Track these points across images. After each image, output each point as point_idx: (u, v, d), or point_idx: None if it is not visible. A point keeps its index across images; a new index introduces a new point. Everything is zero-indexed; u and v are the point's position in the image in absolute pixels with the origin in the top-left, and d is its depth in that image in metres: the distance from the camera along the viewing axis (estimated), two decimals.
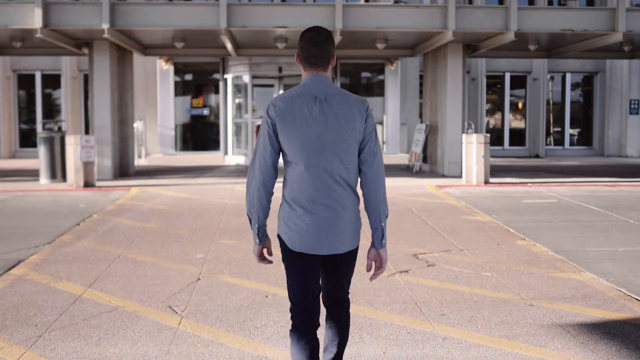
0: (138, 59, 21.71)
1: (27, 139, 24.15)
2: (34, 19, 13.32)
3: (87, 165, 13.53)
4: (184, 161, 20.06)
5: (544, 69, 24.59)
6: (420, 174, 16.70)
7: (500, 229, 9.13)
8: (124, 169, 16.42)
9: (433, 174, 16.72)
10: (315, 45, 3.09)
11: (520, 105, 25.40)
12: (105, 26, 13.33)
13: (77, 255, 7.48)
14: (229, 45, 15.47)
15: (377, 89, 21.70)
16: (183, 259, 7.27)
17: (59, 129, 15.29)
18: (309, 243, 3.08)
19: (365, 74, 22.30)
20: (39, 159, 14.83)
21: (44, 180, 14.67)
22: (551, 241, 8.23)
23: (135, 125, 19.58)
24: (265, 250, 3.28)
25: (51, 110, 24.04)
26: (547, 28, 14.04)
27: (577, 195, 12.55)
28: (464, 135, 14.44)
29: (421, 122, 18.06)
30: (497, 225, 9.36)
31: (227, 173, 17.00)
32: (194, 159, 20.28)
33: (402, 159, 20.43)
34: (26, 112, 24.43)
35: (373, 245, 3.25)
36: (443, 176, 16.09)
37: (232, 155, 20.10)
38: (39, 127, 23.51)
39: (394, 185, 14.07)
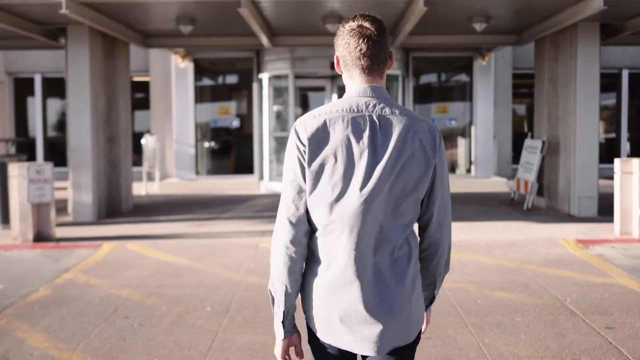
0: (156, 55, 17.60)
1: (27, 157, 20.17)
2: None
3: (40, 209, 9.25)
4: (206, 189, 15.69)
5: None
6: (535, 213, 11.87)
7: None
8: (114, 205, 12.14)
9: (553, 212, 11.87)
10: (368, 39, 2.20)
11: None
12: None
13: None
14: (257, 29, 11.02)
15: (459, 92, 16.92)
16: None
17: (17, 151, 11.14)
18: (346, 334, 2.21)
19: (445, 72, 17.37)
20: None
21: None
22: None
23: (143, 141, 15.37)
24: (293, 349, 2.53)
25: (55, 122, 20.06)
26: None
27: None
28: (618, 161, 9.58)
29: (531, 136, 13.23)
30: None
31: (258, 211, 12.49)
32: (219, 185, 15.87)
33: (498, 185, 15.62)
34: (25, 123, 20.48)
35: None
36: (569, 217, 11.27)
37: (269, 182, 15.60)
38: (38, 142, 19.62)
39: (506, 239, 9.32)
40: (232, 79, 17.48)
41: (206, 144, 16.78)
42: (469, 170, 16.56)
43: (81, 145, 11.20)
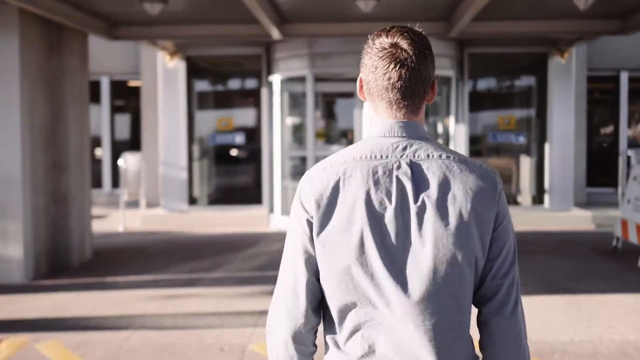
0: (149, 53, 14.64)
1: None
2: None
3: None
4: (199, 224, 12.49)
5: None
6: None
7: None
8: (61, 257, 9.01)
9: None
10: (401, 65, 1.64)
11: None
12: None
13: None
14: (258, 11, 7.82)
15: (528, 99, 13.52)
16: None
17: None
18: None
19: (510, 74, 13.82)
20: None
21: None
22: None
23: (120, 161, 12.28)
24: None
25: None
26: None
27: None
28: None
29: (636, 155, 9.83)
30: None
31: (260, 267, 9.21)
32: (217, 219, 12.66)
33: (580, 222, 12.23)
34: None
35: None
36: None
37: (280, 216, 12.33)
38: None
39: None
40: (235, 83, 14.18)
41: (202, 166, 13.56)
42: (539, 201, 13.12)
43: (7, 176, 8.07)
